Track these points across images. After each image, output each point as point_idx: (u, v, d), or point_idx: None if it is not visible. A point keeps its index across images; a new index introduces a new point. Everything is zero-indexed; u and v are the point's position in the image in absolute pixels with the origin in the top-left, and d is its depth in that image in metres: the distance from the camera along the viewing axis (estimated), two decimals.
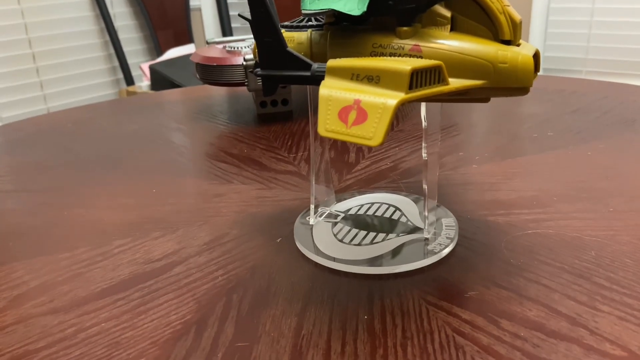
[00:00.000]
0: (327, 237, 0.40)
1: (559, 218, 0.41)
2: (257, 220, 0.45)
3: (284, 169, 0.55)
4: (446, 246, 0.38)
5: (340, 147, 0.60)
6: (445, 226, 0.40)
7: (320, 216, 0.42)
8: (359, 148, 0.59)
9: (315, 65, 0.29)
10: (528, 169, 0.51)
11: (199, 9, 2.77)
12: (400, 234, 0.39)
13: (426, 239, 0.38)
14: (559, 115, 0.66)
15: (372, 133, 0.24)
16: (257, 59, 0.33)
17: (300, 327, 0.31)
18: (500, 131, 0.63)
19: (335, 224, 0.41)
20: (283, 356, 0.29)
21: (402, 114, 0.71)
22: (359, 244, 0.38)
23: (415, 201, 0.44)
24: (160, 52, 2.50)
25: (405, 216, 0.42)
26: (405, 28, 0.30)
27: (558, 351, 0.28)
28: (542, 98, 0.74)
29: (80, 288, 0.37)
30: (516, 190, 0.47)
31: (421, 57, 0.30)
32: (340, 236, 0.40)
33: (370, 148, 0.59)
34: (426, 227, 0.39)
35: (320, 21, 0.34)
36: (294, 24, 0.34)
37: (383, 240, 0.39)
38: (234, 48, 0.72)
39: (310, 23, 0.33)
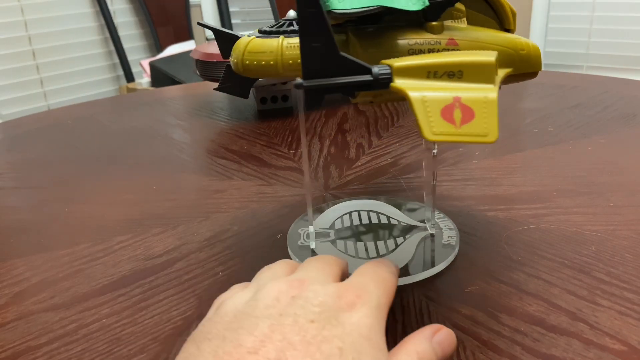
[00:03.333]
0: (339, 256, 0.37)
1: (559, 213, 0.41)
2: (257, 216, 0.45)
3: (284, 165, 0.55)
4: (455, 237, 0.38)
5: (340, 143, 0.60)
6: (437, 218, 0.41)
7: (308, 237, 0.39)
8: (359, 144, 0.59)
9: (376, 69, 0.25)
10: (528, 164, 0.51)
11: (199, 6, 2.76)
12: (406, 237, 0.38)
13: (432, 235, 0.39)
14: (560, 110, 0.66)
15: (485, 130, 0.23)
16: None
17: None
18: (500, 126, 0.63)
19: (334, 241, 0.39)
20: None
21: (403, 109, 0.71)
22: (378, 255, 0.36)
23: (389, 202, 0.43)
24: (160, 49, 2.50)
25: (394, 218, 0.41)
26: (435, 23, 0.30)
27: (558, 345, 0.28)
28: (543, 93, 0.74)
29: (81, 284, 0.37)
30: (516, 186, 0.47)
31: (459, 49, 0.29)
32: (351, 252, 0.37)
33: (370, 143, 0.59)
34: (429, 224, 0.39)
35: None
36: (273, 29, 0.32)
37: (398, 246, 0.37)
38: None
39: (291, 28, 0.32)
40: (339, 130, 0.64)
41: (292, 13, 0.36)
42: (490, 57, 0.25)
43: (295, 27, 0.31)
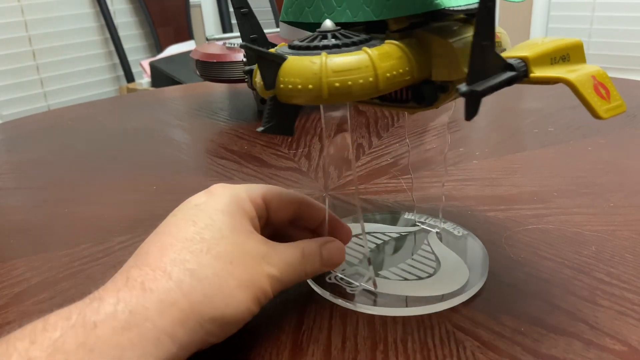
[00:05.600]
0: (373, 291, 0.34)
1: (560, 213, 0.41)
2: None
3: (284, 165, 0.55)
4: (465, 229, 0.39)
5: (339, 144, 0.60)
6: (431, 217, 0.41)
7: (342, 279, 0.35)
8: (359, 144, 0.59)
9: (514, 61, 0.24)
10: (528, 165, 0.51)
11: (199, 6, 2.77)
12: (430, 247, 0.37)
13: (438, 232, 0.39)
14: (560, 111, 0.66)
15: (620, 100, 0.25)
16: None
17: (301, 322, 0.31)
18: (500, 127, 0.63)
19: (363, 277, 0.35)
20: (284, 352, 0.29)
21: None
22: (421, 278, 0.34)
23: (383, 221, 0.42)
24: (160, 49, 2.50)
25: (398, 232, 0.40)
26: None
27: (558, 346, 0.28)
28: (543, 93, 0.74)
29: (81, 285, 0.37)
30: (517, 186, 0.47)
31: (500, 42, 0.30)
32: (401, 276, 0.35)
33: (370, 143, 0.59)
34: (439, 225, 0.40)
35: (350, 37, 0.26)
36: (311, 44, 0.26)
37: (439, 268, 0.35)
38: (234, 45, 0.72)
39: (324, 42, 0.26)
40: (339, 131, 0.64)
41: (328, 24, 0.26)
42: (577, 39, 0.26)
43: (331, 41, 0.25)
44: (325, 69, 0.24)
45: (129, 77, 2.49)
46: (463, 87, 0.22)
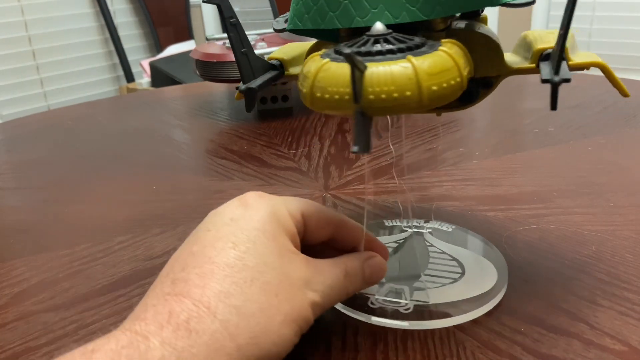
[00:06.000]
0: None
1: (560, 213, 0.41)
2: None
3: (284, 165, 0.55)
4: (451, 225, 0.39)
5: (340, 143, 0.60)
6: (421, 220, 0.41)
7: (383, 301, 0.32)
8: None
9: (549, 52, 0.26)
10: (528, 164, 0.51)
11: (199, 6, 2.76)
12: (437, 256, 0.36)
13: (430, 232, 0.39)
14: (560, 110, 0.66)
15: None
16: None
17: None
18: (500, 126, 0.63)
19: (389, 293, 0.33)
20: None
21: None
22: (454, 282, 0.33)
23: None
24: (160, 49, 2.50)
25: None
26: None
27: (558, 346, 0.28)
28: (543, 93, 0.74)
29: (81, 285, 0.37)
30: (517, 186, 0.47)
31: None
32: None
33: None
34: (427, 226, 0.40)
35: (406, 41, 0.24)
36: (372, 49, 0.23)
37: (462, 274, 0.34)
38: None
39: (377, 47, 0.23)
40: (339, 131, 0.64)
41: (379, 26, 0.24)
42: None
43: (384, 46, 0.23)
44: (422, 72, 0.22)
45: (129, 77, 2.49)
46: (556, 78, 0.24)
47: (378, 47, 0.23)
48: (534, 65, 0.29)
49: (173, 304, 0.23)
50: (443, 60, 0.23)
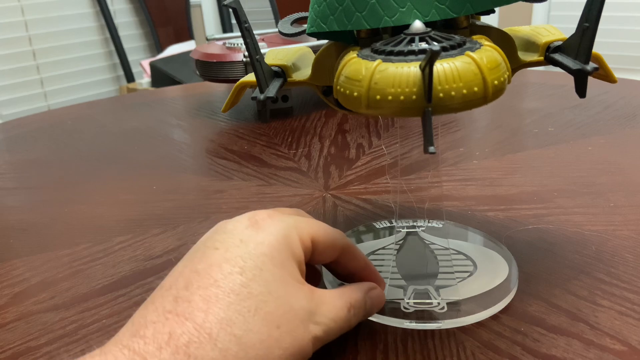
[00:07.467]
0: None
1: (560, 213, 0.41)
2: None
3: (284, 165, 0.55)
4: (440, 221, 0.39)
5: (340, 144, 0.60)
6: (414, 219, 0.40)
7: (412, 304, 0.32)
8: (359, 144, 0.59)
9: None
10: (529, 164, 0.51)
11: (199, 6, 2.76)
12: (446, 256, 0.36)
13: (423, 230, 0.39)
14: (560, 110, 0.66)
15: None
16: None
17: None
18: (500, 126, 0.63)
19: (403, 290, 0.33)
20: None
21: None
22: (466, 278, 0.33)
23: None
24: (160, 49, 2.50)
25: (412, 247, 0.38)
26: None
27: (558, 346, 0.28)
28: (543, 93, 0.74)
29: (81, 285, 0.37)
30: (517, 186, 0.47)
31: None
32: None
33: (370, 143, 0.59)
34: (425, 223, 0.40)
35: (449, 39, 0.24)
36: (416, 47, 0.23)
37: (472, 273, 0.34)
38: (234, 45, 0.71)
39: (411, 47, 0.23)
40: (339, 131, 0.64)
41: (418, 25, 0.24)
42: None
43: (421, 45, 0.23)
44: (485, 67, 0.22)
45: (129, 77, 2.49)
46: (588, 67, 0.25)
47: (435, 45, 0.22)
48: (542, 57, 0.29)
49: (174, 324, 0.23)
50: (494, 56, 0.23)
